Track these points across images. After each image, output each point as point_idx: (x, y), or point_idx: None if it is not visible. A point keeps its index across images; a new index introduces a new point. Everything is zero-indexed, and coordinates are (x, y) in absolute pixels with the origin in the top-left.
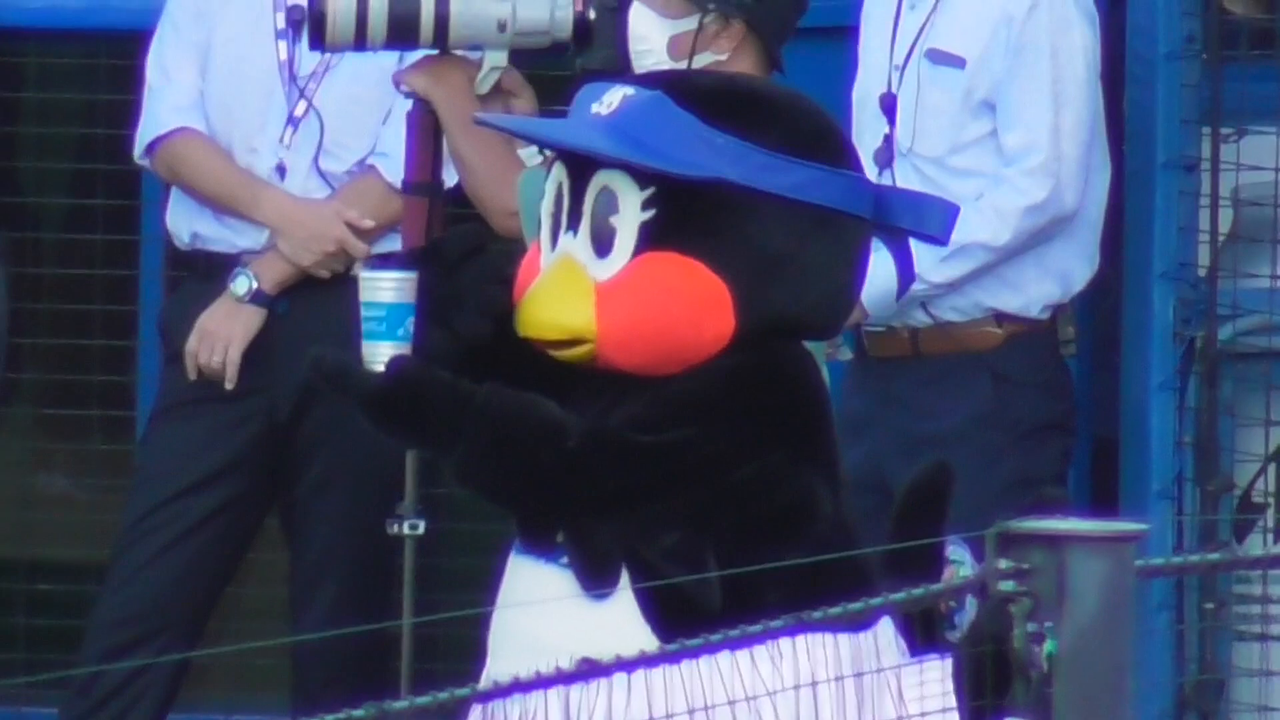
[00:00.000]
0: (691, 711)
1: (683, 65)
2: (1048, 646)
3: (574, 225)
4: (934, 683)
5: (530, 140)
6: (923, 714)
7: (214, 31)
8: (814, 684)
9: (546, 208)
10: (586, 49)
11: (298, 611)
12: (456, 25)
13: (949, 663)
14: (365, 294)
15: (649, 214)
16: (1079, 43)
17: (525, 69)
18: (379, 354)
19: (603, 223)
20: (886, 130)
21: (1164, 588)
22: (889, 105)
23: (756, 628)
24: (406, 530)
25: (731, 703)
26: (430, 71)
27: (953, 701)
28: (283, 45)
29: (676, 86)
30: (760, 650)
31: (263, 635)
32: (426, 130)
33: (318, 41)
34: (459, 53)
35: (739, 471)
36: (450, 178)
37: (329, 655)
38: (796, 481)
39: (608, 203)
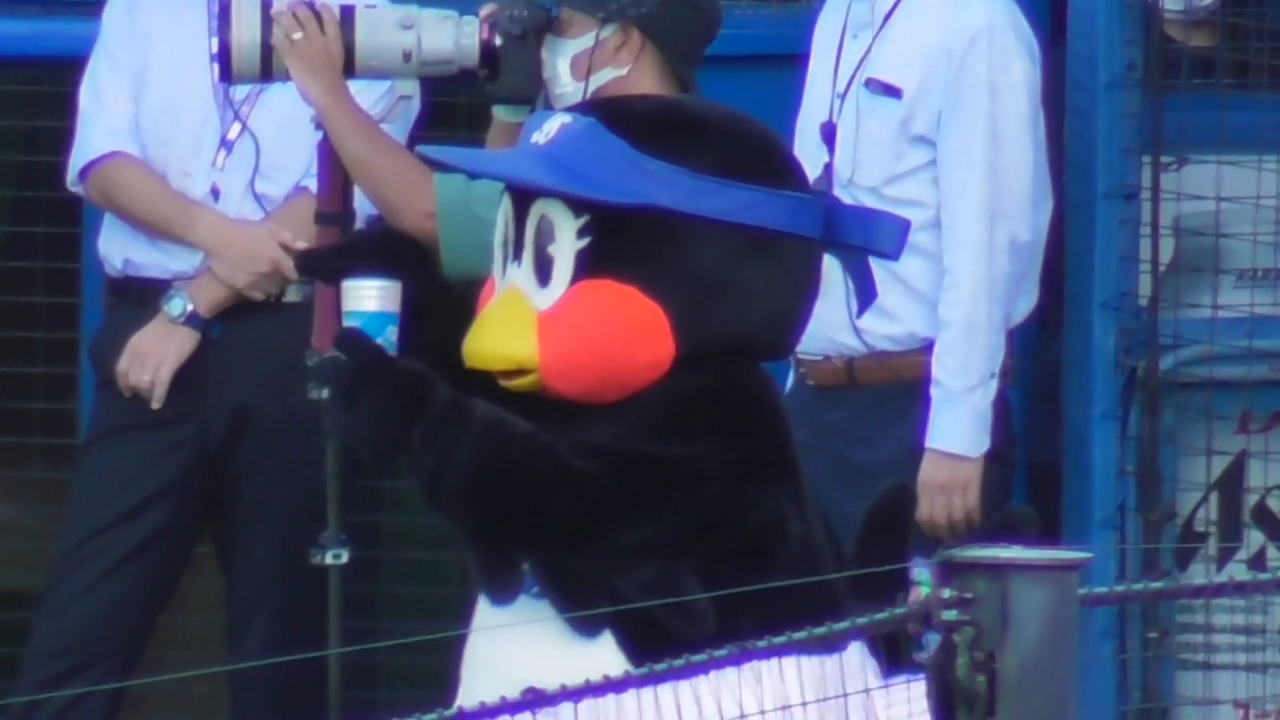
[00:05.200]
0: None
1: (582, 85)
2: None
3: (518, 255)
4: (900, 704)
5: (470, 173)
6: None
7: (149, 57)
8: (788, 707)
9: (498, 239)
10: (495, 77)
11: (234, 640)
12: (362, 56)
13: (920, 683)
14: (348, 303)
15: (584, 241)
16: (1020, 77)
17: (438, 96)
18: None
19: (542, 252)
20: (826, 159)
21: (1107, 616)
22: (829, 134)
23: (722, 651)
24: (329, 560)
25: None
26: (319, 78)
27: None
28: (217, 69)
29: (611, 113)
30: (736, 675)
31: (201, 663)
32: (336, 161)
33: (225, 74)
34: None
35: (710, 493)
36: (368, 207)
37: (266, 683)
38: (766, 503)
39: (546, 232)
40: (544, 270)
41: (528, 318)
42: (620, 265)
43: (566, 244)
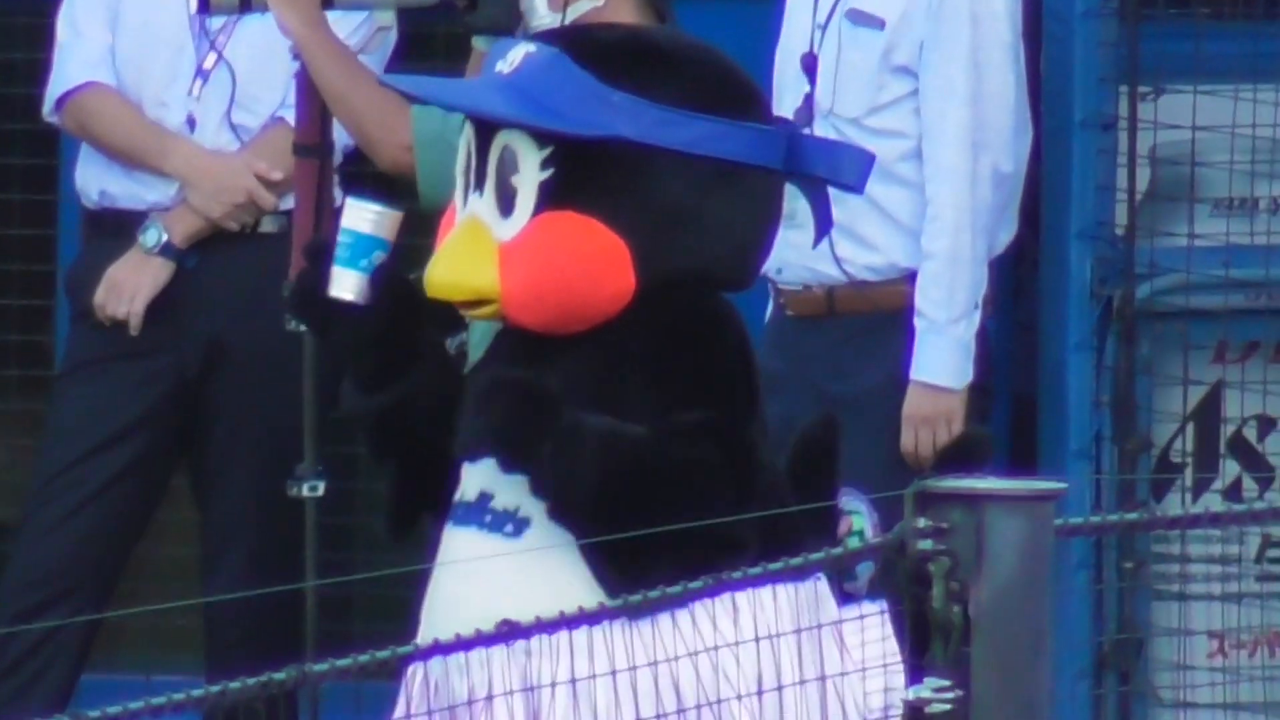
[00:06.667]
0: (657, 663)
1: (560, 16)
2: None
3: (480, 185)
4: (873, 628)
5: (432, 103)
6: (864, 660)
7: None
8: (767, 636)
9: (459, 168)
10: (474, 8)
11: (209, 572)
12: None
13: (886, 611)
14: (346, 219)
15: (548, 173)
16: (1001, 7)
17: (416, 28)
18: (342, 280)
19: (505, 182)
20: (807, 90)
21: (1083, 547)
22: (810, 65)
23: (697, 583)
24: (306, 492)
25: (694, 654)
26: (297, 9)
27: (891, 647)
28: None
29: (577, 43)
30: (716, 606)
31: (178, 595)
32: (314, 92)
33: (204, 4)
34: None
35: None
36: (346, 138)
37: (241, 616)
38: (742, 434)
39: (509, 162)
40: (506, 201)
41: (489, 248)
42: (583, 197)
43: (529, 175)
